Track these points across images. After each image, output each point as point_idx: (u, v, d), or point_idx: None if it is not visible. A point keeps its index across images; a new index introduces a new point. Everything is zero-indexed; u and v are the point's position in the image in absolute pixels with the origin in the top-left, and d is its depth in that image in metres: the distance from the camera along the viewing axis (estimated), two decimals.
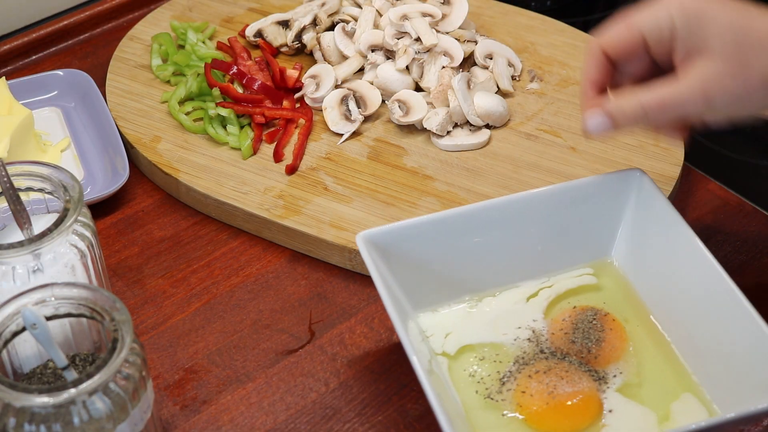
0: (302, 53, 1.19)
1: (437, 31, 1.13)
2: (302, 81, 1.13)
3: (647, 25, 0.81)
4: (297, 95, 1.13)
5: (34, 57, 1.22)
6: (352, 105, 1.09)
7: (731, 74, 0.78)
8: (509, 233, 0.90)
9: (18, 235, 0.83)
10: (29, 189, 0.83)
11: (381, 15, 1.16)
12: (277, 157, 1.05)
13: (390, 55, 1.13)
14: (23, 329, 0.74)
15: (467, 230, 0.89)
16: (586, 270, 0.92)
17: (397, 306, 0.82)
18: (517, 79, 1.15)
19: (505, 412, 0.82)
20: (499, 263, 0.91)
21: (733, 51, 0.78)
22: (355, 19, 1.17)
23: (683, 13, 0.79)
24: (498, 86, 1.12)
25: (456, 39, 1.13)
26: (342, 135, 1.08)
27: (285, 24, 1.18)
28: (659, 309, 0.89)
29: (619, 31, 0.83)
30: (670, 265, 0.88)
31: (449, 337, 0.88)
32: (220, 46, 1.18)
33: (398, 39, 1.12)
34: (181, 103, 1.11)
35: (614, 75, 0.86)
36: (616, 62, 0.85)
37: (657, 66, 0.84)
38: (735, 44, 0.78)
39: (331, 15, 1.18)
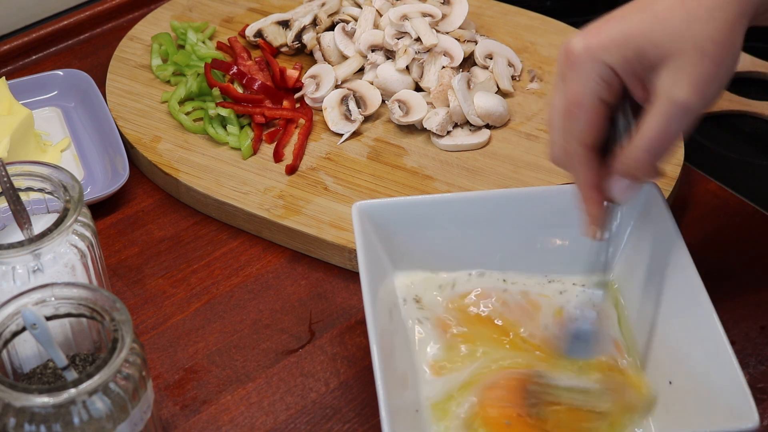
0: (302, 53, 1.19)
1: (437, 31, 1.13)
2: (302, 81, 1.13)
3: (602, 93, 0.77)
4: (297, 95, 1.13)
5: (34, 57, 1.22)
6: (352, 105, 1.09)
7: (707, 59, 0.73)
8: (511, 225, 0.89)
9: (18, 235, 0.83)
10: (29, 189, 0.83)
11: (381, 15, 1.16)
12: (277, 157, 1.05)
13: (390, 55, 1.13)
14: (23, 329, 0.74)
15: (469, 216, 0.89)
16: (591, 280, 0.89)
17: (374, 265, 0.84)
18: (517, 79, 1.15)
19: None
20: (497, 253, 0.90)
21: (689, 37, 0.73)
22: (355, 19, 1.17)
23: (620, 53, 0.75)
24: (498, 86, 1.12)
25: (456, 39, 1.13)
26: (342, 135, 1.08)
27: (285, 24, 1.18)
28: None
29: (589, 118, 0.76)
30: (663, 299, 0.84)
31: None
32: (220, 46, 1.18)
33: (398, 39, 1.12)
34: (181, 103, 1.11)
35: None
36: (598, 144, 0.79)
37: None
38: (688, 29, 0.73)
39: (331, 15, 1.18)
